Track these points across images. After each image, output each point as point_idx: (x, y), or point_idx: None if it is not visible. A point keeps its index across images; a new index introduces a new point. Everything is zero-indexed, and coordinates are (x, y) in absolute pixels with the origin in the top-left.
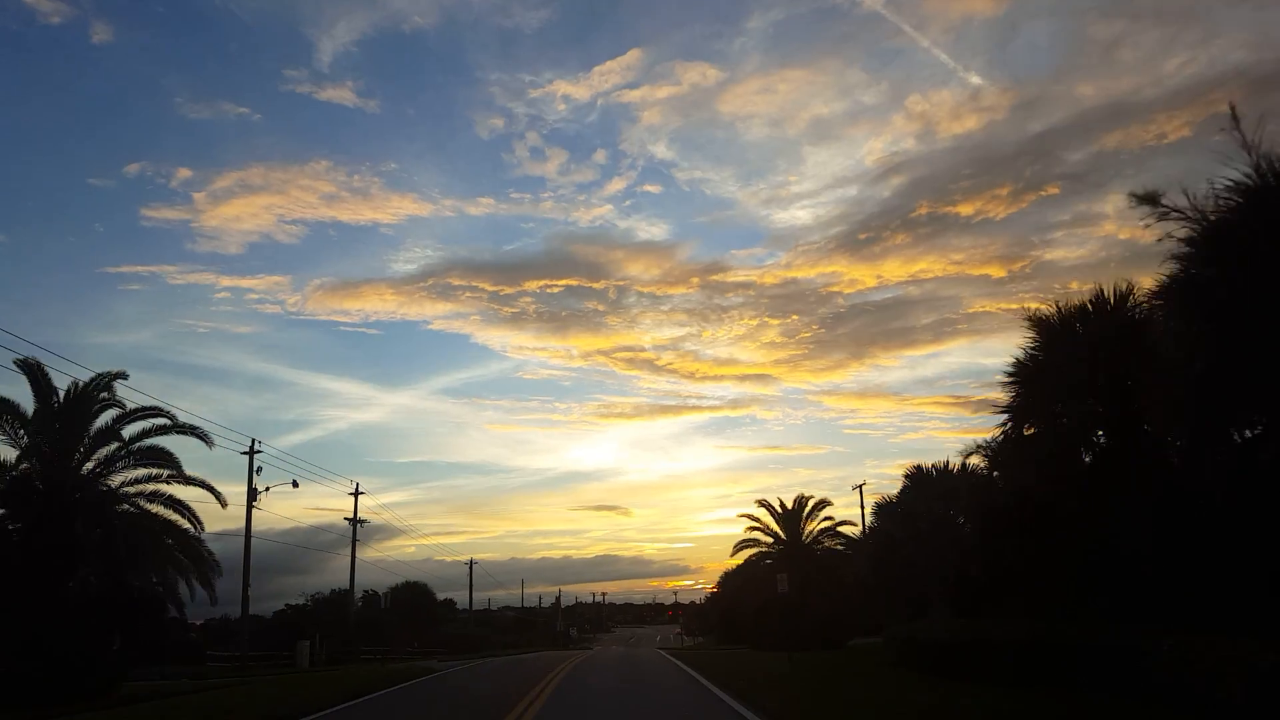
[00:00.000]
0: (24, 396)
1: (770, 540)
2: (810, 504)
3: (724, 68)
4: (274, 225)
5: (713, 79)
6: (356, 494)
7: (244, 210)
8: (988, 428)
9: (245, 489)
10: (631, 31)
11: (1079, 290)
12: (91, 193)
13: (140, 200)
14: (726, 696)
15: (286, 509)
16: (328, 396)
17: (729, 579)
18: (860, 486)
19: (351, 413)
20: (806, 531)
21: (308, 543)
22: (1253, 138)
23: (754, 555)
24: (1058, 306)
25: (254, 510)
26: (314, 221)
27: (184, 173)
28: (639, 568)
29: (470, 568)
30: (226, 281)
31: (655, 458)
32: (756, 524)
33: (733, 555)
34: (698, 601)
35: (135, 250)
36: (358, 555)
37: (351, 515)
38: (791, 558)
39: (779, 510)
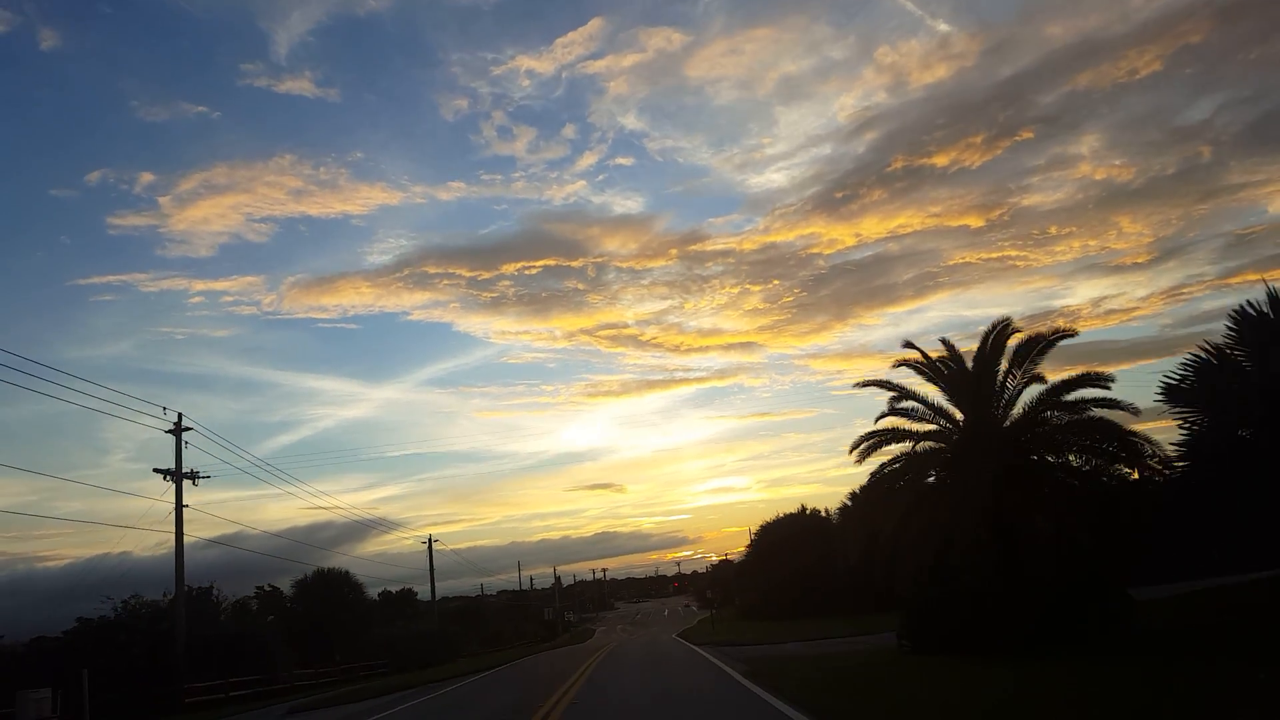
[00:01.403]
0: None
1: (933, 427)
2: (1015, 340)
3: (689, 31)
4: (243, 224)
5: (678, 43)
6: (179, 430)
7: (211, 211)
8: None
9: None
10: (591, 0)
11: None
12: (54, 204)
13: (105, 209)
14: None
15: (280, 511)
16: (313, 395)
17: (776, 529)
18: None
19: (338, 410)
20: (1015, 401)
21: (298, 543)
22: None
23: (894, 461)
24: None
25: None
26: (283, 218)
27: (147, 177)
28: (638, 542)
29: (429, 546)
30: (200, 285)
31: (646, 433)
32: (905, 395)
33: (859, 461)
34: (701, 571)
35: (104, 260)
36: (356, 549)
37: (174, 466)
38: (985, 457)
39: (945, 367)
